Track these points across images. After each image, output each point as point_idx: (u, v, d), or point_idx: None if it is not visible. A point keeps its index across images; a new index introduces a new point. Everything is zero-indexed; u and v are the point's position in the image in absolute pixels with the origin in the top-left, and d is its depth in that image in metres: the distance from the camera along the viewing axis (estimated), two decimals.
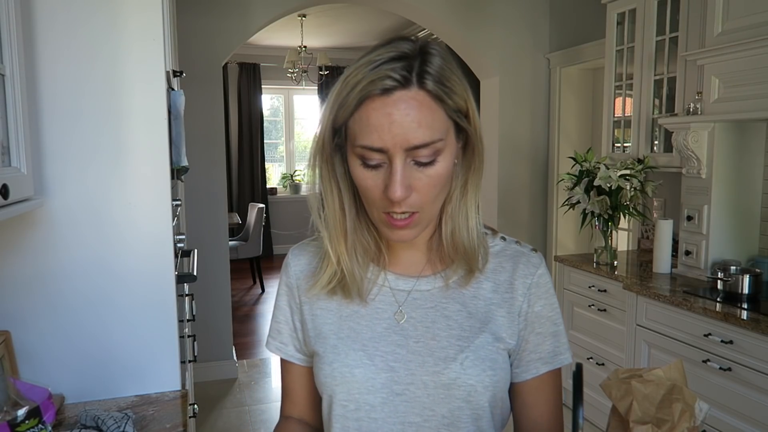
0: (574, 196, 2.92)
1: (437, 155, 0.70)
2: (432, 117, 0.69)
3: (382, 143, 0.68)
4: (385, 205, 0.72)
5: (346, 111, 0.70)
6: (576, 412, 0.69)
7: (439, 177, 0.71)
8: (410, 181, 0.70)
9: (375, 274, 0.82)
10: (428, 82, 0.69)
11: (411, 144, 0.68)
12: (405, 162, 0.69)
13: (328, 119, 0.73)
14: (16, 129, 1.07)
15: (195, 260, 1.91)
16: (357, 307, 0.81)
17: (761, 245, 2.56)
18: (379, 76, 0.68)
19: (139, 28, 1.34)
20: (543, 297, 0.82)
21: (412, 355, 0.77)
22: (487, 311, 0.80)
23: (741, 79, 2.26)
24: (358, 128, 0.70)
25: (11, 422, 1.02)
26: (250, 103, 7.35)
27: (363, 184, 0.72)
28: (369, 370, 0.77)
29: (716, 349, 2.13)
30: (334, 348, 0.79)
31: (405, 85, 0.68)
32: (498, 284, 0.81)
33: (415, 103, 0.68)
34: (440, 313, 0.80)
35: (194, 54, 3.43)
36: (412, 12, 3.92)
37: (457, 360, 0.76)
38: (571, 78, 4.01)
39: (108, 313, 1.37)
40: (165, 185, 1.40)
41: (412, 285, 0.81)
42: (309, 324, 0.84)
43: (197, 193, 3.48)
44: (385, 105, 0.68)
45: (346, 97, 0.70)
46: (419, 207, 0.72)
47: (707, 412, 0.68)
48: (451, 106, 0.71)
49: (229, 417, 3.22)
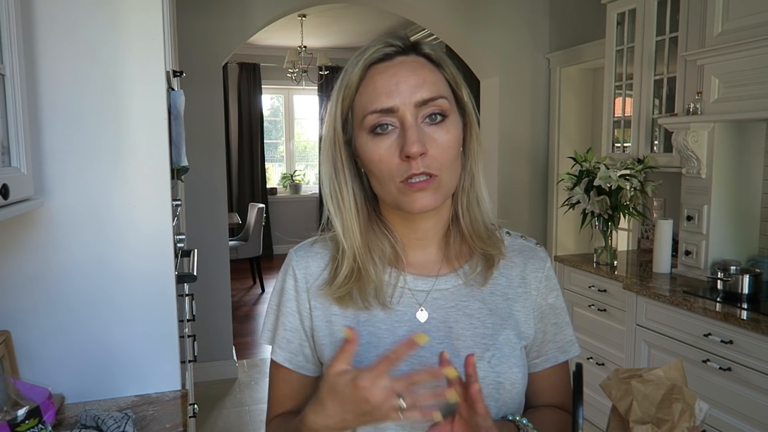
0: (574, 196, 2.92)
1: (446, 114, 0.72)
2: (434, 77, 0.73)
3: (391, 102, 0.70)
4: (402, 171, 0.71)
5: (351, 88, 0.73)
6: (576, 412, 0.69)
7: (452, 139, 0.73)
8: (425, 140, 0.70)
9: (394, 278, 0.79)
10: (425, 48, 0.75)
11: (419, 99, 0.70)
12: (416, 121, 0.71)
13: (335, 108, 0.75)
14: (16, 129, 1.07)
15: (195, 260, 1.91)
16: (375, 311, 0.78)
17: (761, 245, 2.56)
18: (380, 46, 0.73)
19: (139, 28, 1.34)
20: (554, 289, 0.84)
21: (437, 357, 0.75)
22: (506, 307, 0.80)
23: (741, 79, 2.26)
24: (366, 98, 0.72)
25: (11, 422, 1.02)
26: (250, 103, 7.35)
27: (375, 155, 0.72)
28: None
29: (716, 349, 2.13)
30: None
31: (405, 51, 0.74)
32: (511, 279, 0.82)
33: (417, 64, 0.73)
34: (462, 312, 0.79)
35: (194, 54, 3.43)
36: (412, 12, 3.92)
37: (484, 359, 0.76)
38: (571, 78, 4.01)
39: (108, 313, 1.37)
40: (165, 185, 1.40)
41: (431, 284, 0.80)
42: (323, 331, 0.80)
43: (197, 193, 3.48)
44: (389, 68, 0.72)
45: (350, 75, 0.73)
46: (437, 169, 0.71)
47: (707, 412, 0.68)
48: (448, 74, 0.76)
49: (229, 417, 3.22)
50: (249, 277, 6.38)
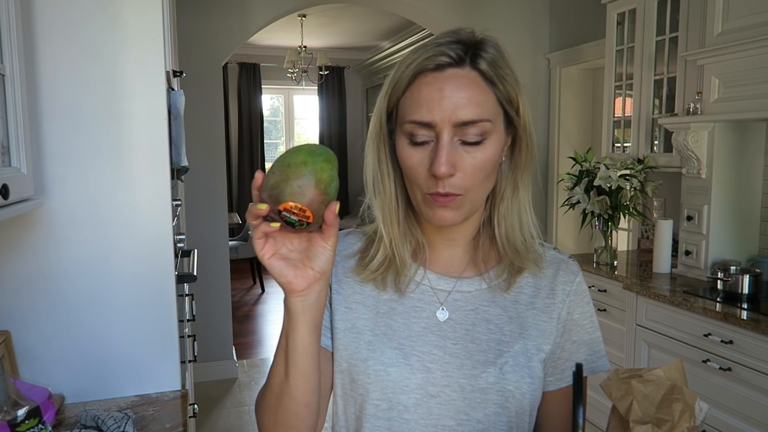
0: (574, 196, 2.92)
1: (485, 137, 0.71)
2: (482, 97, 0.70)
3: (431, 117, 0.69)
4: (429, 185, 0.71)
5: (399, 88, 0.72)
6: (576, 412, 0.69)
7: (486, 161, 0.71)
8: (455, 161, 0.70)
9: (414, 271, 0.80)
10: (481, 63, 0.70)
11: (459, 119, 0.69)
12: (452, 140, 0.70)
13: (383, 102, 0.74)
14: (16, 129, 1.07)
15: (195, 260, 1.91)
16: (395, 303, 0.79)
17: (761, 245, 2.56)
18: (434, 53, 0.70)
19: (139, 29, 1.34)
20: (581, 305, 0.82)
21: (449, 357, 0.76)
22: (527, 316, 0.79)
23: (741, 79, 2.26)
24: (409, 104, 0.71)
25: (11, 422, 1.02)
26: (250, 103, 7.35)
27: (408, 162, 0.72)
28: (404, 369, 0.75)
29: (716, 349, 2.13)
30: (369, 344, 0.77)
31: (458, 63, 0.70)
32: (539, 289, 0.81)
33: (467, 81, 0.70)
34: (481, 316, 0.78)
35: (194, 54, 3.43)
36: (412, 12, 3.92)
37: (497, 365, 0.75)
38: (571, 78, 4.01)
39: (108, 313, 1.37)
40: (165, 185, 1.40)
41: (453, 285, 0.80)
42: (341, 315, 0.80)
43: (197, 193, 3.48)
44: (437, 80, 0.69)
45: (401, 75, 0.72)
46: (463, 189, 0.71)
47: (707, 412, 0.68)
48: (501, 92, 0.72)
49: (229, 417, 3.22)
50: (249, 277, 6.38)
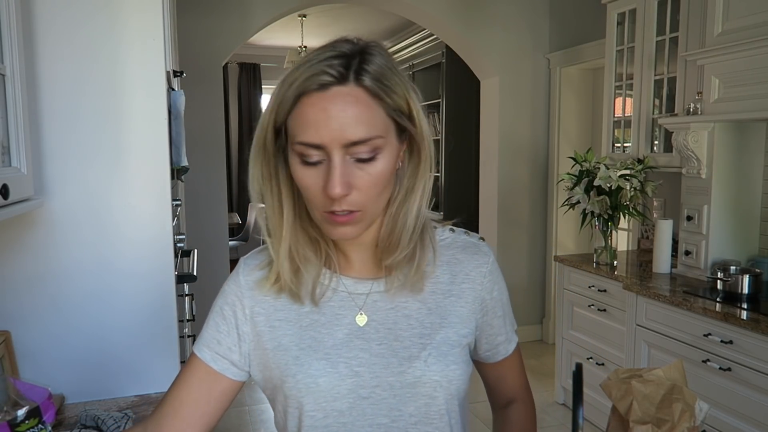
0: (574, 196, 2.92)
1: (377, 152, 0.69)
2: (370, 114, 0.68)
3: (319, 139, 0.67)
4: (325, 203, 0.70)
5: (285, 108, 0.70)
6: (576, 412, 0.69)
7: (380, 175, 0.70)
8: (350, 179, 0.69)
9: (328, 278, 0.80)
10: (365, 79, 0.68)
11: (348, 140, 0.67)
12: (344, 159, 0.68)
13: (269, 119, 0.72)
14: (16, 129, 1.07)
15: (195, 260, 1.91)
16: (316, 315, 0.79)
17: (761, 245, 2.56)
18: (316, 72, 0.68)
19: (139, 28, 1.34)
20: (498, 282, 0.86)
21: (375, 358, 0.77)
22: (446, 305, 0.81)
23: (741, 79, 2.26)
24: (297, 125, 0.69)
25: (11, 422, 1.02)
26: (250, 103, 7.35)
27: (303, 182, 0.71)
28: (333, 377, 0.76)
29: (716, 349, 2.13)
30: (296, 359, 0.77)
31: (341, 81, 0.68)
32: (455, 275, 0.82)
33: (352, 99, 0.67)
34: (401, 312, 0.80)
35: (194, 54, 3.43)
36: (412, 12, 3.92)
37: (420, 358, 0.77)
38: (571, 78, 4.01)
39: (108, 313, 1.38)
40: (165, 185, 1.40)
41: (370, 287, 0.80)
42: (266, 336, 0.79)
43: (197, 193, 3.48)
44: (321, 100, 0.67)
45: (284, 95, 0.69)
46: (360, 206, 0.70)
47: (707, 412, 0.68)
48: (390, 105, 0.70)
49: (229, 417, 3.22)
50: None
